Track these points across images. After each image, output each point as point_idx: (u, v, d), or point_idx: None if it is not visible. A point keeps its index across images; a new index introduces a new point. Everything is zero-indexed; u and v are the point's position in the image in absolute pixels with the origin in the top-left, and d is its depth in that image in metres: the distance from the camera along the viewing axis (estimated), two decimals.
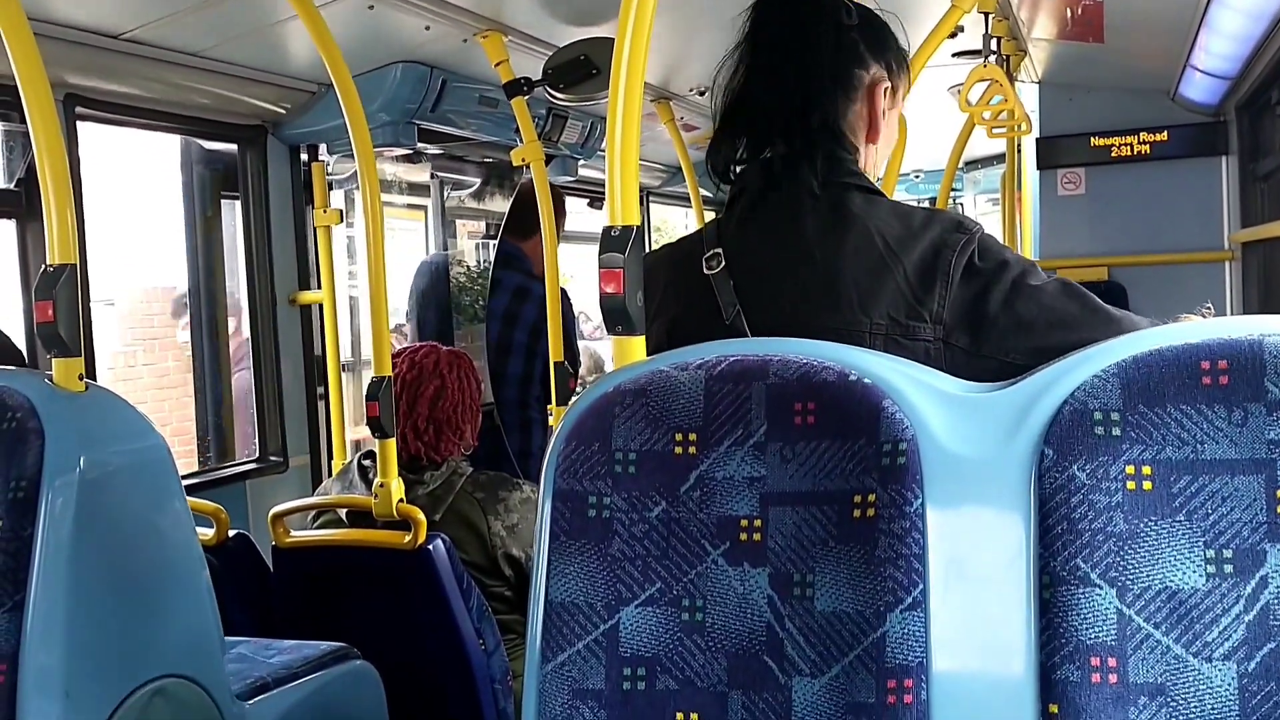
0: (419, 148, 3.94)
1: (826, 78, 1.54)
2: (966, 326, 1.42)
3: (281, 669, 2.13)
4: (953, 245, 1.44)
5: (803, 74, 1.54)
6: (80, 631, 1.63)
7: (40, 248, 2.83)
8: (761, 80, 1.56)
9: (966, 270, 1.44)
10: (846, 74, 1.56)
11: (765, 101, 1.55)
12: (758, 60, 1.57)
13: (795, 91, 1.54)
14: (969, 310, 1.43)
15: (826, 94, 1.54)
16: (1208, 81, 4.20)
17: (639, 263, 1.31)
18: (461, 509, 2.64)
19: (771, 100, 1.55)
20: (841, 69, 1.56)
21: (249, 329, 3.83)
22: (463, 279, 4.96)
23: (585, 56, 3.20)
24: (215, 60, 3.18)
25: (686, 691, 1.14)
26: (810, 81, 1.54)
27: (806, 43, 1.55)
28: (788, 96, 1.54)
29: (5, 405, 1.63)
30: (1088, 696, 1.03)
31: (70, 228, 1.72)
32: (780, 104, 1.54)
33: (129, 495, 1.77)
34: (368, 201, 2.61)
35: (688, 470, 1.17)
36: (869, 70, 1.58)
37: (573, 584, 1.18)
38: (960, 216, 1.52)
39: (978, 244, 1.45)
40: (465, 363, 2.80)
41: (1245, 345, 1.04)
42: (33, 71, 1.71)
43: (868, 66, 1.58)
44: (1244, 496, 1.03)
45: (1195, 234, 3.81)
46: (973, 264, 1.44)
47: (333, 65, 2.51)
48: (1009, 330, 1.41)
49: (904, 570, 1.09)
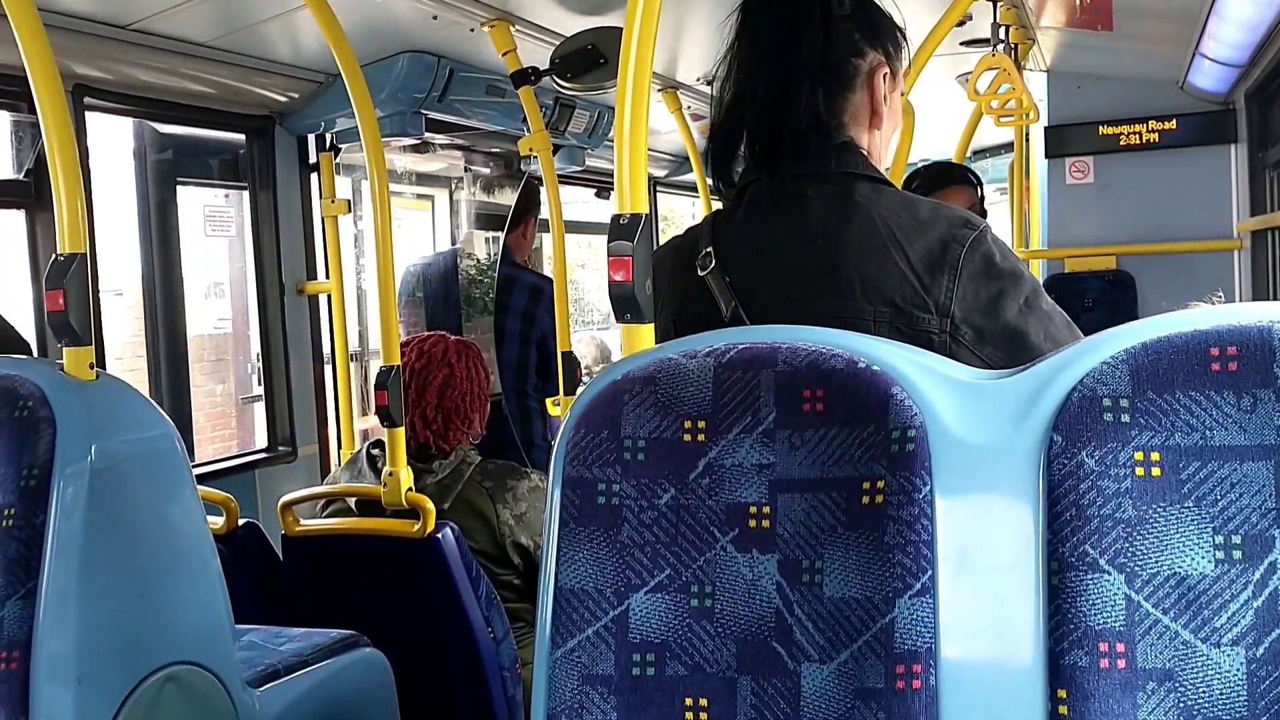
0: (426, 137, 3.94)
1: (814, 73, 1.53)
2: (975, 326, 1.43)
3: (292, 656, 2.14)
4: (961, 240, 1.44)
5: (787, 71, 1.53)
6: (92, 618, 1.64)
7: (49, 238, 2.84)
8: (749, 79, 1.56)
9: (978, 269, 1.44)
10: (840, 66, 1.55)
11: (753, 100, 1.55)
12: (745, 58, 1.56)
13: (780, 89, 1.53)
14: (982, 311, 1.44)
15: (812, 90, 1.53)
16: (1217, 69, 4.18)
17: (648, 250, 1.31)
18: (470, 498, 2.64)
19: (758, 99, 1.54)
20: (834, 61, 1.54)
21: (257, 319, 3.82)
22: (472, 271, 4.98)
23: (593, 46, 3.20)
24: (222, 50, 3.18)
25: (696, 677, 1.15)
26: (792, 79, 1.53)
27: (792, 39, 1.54)
28: (773, 94, 1.53)
29: (17, 394, 1.64)
30: (1096, 682, 1.04)
31: (80, 217, 1.72)
32: (766, 102, 1.54)
33: (140, 483, 1.78)
34: (376, 191, 2.62)
35: (697, 457, 1.18)
36: (866, 58, 1.57)
37: (582, 570, 1.19)
38: (966, 211, 1.52)
39: (990, 242, 1.46)
40: (474, 352, 2.81)
41: (1255, 332, 1.04)
42: (43, 61, 1.71)
43: (864, 54, 1.57)
44: (1253, 483, 1.03)
45: (1204, 222, 3.79)
46: (989, 263, 1.45)
47: (340, 55, 2.51)
48: (1013, 343, 1.43)
49: (913, 556, 1.09)
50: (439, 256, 5.01)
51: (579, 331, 7.23)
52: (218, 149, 3.81)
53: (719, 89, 1.60)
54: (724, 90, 1.58)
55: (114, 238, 3.80)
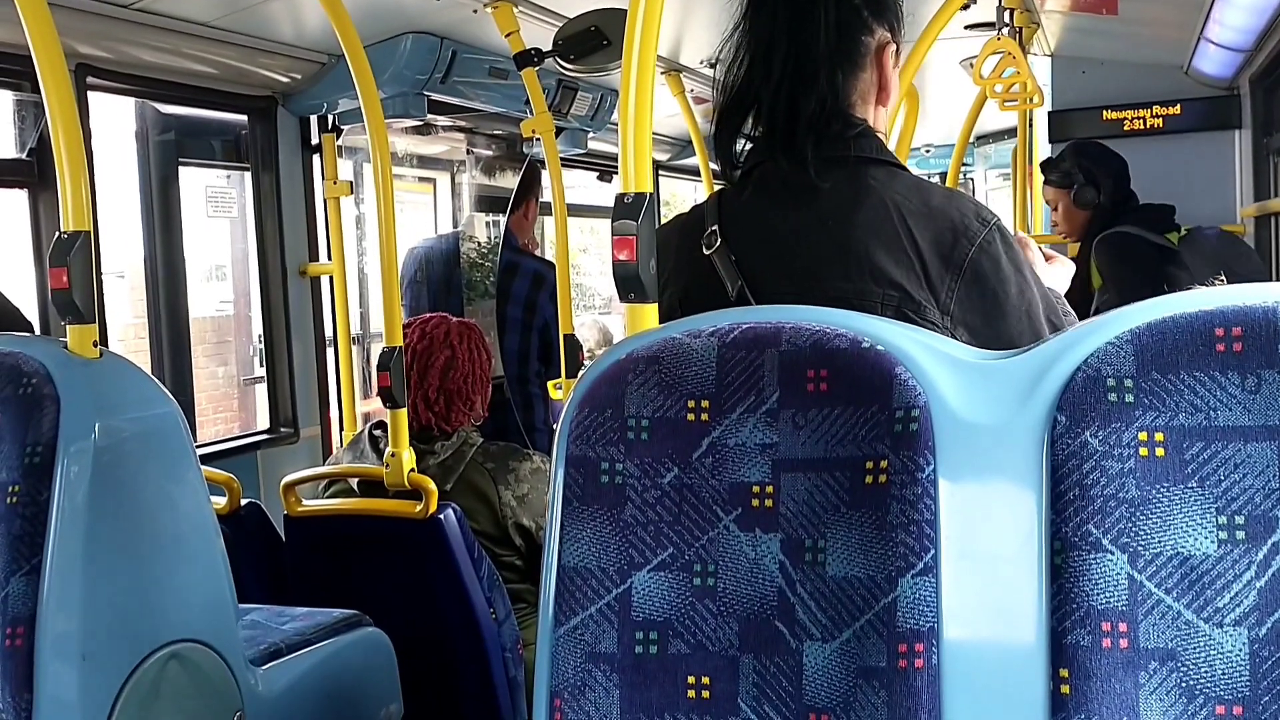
0: (428, 119, 3.94)
1: (825, 54, 1.52)
2: (971, 328, 1.44)
3: (295, 635, 2.14)
4: (971, 237, 1.45)
5: (799, 53, 1.52)
6: (96, 595, 1.64)
7: (52, 218, 2.84)
8: (759, 62, 1.54)
9: (982, 272, 1.45)
10: (851, 45, 1.54)
11: (763, 84, 1.54)
12: (755, 41, 1.55)
13: (796, 71, 1.52)
14: (981, 316, 1.45)
15: (830, 71, 1.52)
16: (1222, 54, 4.17)
17: (652, 230, 1.31)
18: (472, 479, 2.65)
19: (769, 82, 1.53)
20: (844, 41, 1.53)
21: (259, 300, 3.82)
22: (474, 255, 4.97)
23: (596, 27, 3.19)
24: (225, 30, 3.17)
25: (698, 655, 1.15)
26: (805, 62, 1.52)
27: (802, 20, 1.53)
28: (785, 77, 1.52)
29: (21, 371, 1.64)
30: (1098, 661, 1.04)
31: (84, 195, 1.72)
32: (778, 85, 1.52)
33: (144, 461, 1.78)
34: (379, 172, 2.61)
35: (700, 437, 1.18)
36: (874, 35, 1.56)
37: (585, 549, 1.19)
38: (979, 203, 1.52)
39: (998, 244, 1.46)
40: (476, 334, 2.81)
41: (1259, 312, 1.04)
42: (46, 41, 1.71)
43: (873, 32, 1.56)
44: (1257, 463, 1.03)
45: (1207, 208, 3.78)
46: (995, 267, 1.45)
47: (344, 35, 2.50)
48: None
49: (915, 536, 1.09)
50: (441, 239, 5.01)
51: (581, 315, 7.22)
52: (220, 130, 3.80)
53: (724, 71, 1.59)
54: (732, 71, 1.57)
55: (115, 220, 3.79)
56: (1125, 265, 3.50)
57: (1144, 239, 3.54)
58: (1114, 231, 3.59)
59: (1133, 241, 3.54)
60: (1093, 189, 3.69)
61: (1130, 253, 3.51)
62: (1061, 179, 3.78)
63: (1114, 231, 3.59)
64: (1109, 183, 3.70)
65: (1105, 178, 3.70)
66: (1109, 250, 3.57)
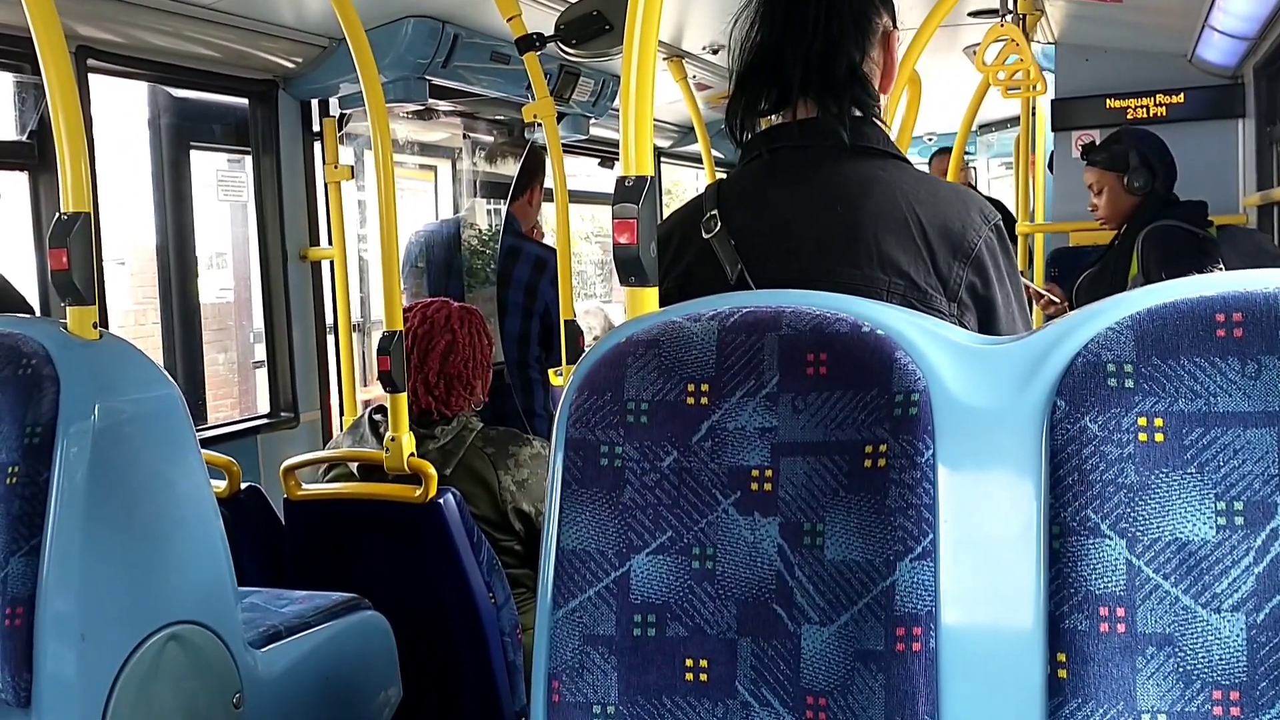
0: (430, 103, 3.93)
1: (849, 22, 1.53)
2: (973, 316, 1.47)
3: (294, 618, 2.15)
4: (978, 230, 1.46)
5: (825, 18, 1.52)
6: (96, 576, 1.65)
7: (52, 200, 2.83)
8: (781, 30, 1.54)
9: (986, 265, 1.46)
10: (867, 20, 1.55)
11: (786, 52, 1.53)
12: (775, 10, 1.55)
13: (818, 38, 1.52)
14: (979, 306, 1.47)
15: (850, 38, 1.53)
16: (1226, 42, 4.16)
17: (653, 213, 1.31)
18: (472, 463, 2.65)
19: (793, 50, 1.53)
20: (861, 14, 1.54)
21: (260, 284, 3.82)
22: (474, 242, 4.97)
23: (598, 12, 3.17)
24: (227, 14, 3.16)
25: (696, 638, 1.15)
26: (833, 26, 1.52)
27: None
28: (811, 44, 1.52)
29: (20, 352, 1.64)
30: (1096, 646, 1.04)
31: (84, 177, 1.72)
32: (803, 53, 1.52)
33: (143, 443, 1.78)
34: (380, 156, 2.61)
35: (699, 420, 1.18)
36: (883, 17, 1.57)
37: (584, 532, 1.19)
38: (981, 199, 1.54)
39: (1000, 242, 1.49)
40: (477, 318, 2.81)
41: (1260, 298, 1.04)
42: (47, 23, 1.71)
43: (881, 13, 1.57)
44: (1256, 449, 1.03)
45: (1210, 197, 3.76)
46: (995, 263, 1.48)
47: (345, 19, 2.50)
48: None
49: (914, 520, 1.09)
50: (443, 225, 5.00)
51: (582, 302, 7.22)
52: (223, 114, 3.79)
53: (739, 44, 1.57)
54: (751, 36, 1.56)
55: (117, 206, 3.79)
56: (1174, 261, 3.38)
57: (1192, 233, 3.46)
58: (1165, 224, 3.43)
59: (1181, 235, 3.44)
60: (1149, 174, 3.55)
61: (1180, 246, 3.41)
62: (1111, 161, 3.58)
63: (1165, 224, 3.43)
64: (1164, 170, 3.57)
65: (1161, 165, 3.57)
66: (1160, 244, 3.41)
